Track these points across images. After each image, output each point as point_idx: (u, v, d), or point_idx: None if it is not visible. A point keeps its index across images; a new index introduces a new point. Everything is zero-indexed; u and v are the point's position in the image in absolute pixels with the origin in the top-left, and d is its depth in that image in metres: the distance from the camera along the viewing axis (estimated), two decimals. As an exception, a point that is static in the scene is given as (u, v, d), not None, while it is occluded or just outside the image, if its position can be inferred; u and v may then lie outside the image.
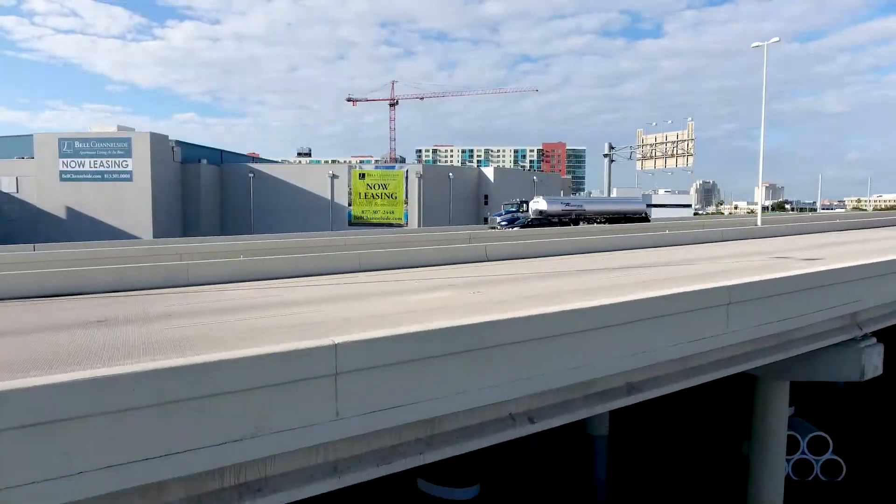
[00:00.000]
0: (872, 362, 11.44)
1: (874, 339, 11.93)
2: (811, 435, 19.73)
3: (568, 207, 50.43)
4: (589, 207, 51.73)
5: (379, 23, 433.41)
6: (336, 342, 5.02)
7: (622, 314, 6.90)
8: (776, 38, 35.52)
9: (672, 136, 51.38)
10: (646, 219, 51.47)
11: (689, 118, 50.62)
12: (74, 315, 10.17)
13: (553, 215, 48.69)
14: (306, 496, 5.73)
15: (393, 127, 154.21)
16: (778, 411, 13.06)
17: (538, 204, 49.73)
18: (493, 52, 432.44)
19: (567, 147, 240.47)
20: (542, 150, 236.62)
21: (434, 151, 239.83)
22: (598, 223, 45.40)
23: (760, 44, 35.97)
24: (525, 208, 51.40)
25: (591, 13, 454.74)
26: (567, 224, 45.66)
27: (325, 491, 5.80)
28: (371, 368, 5.20)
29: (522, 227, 45.27)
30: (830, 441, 19.55)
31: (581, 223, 46.18)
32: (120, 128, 60.05)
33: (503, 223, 48.83)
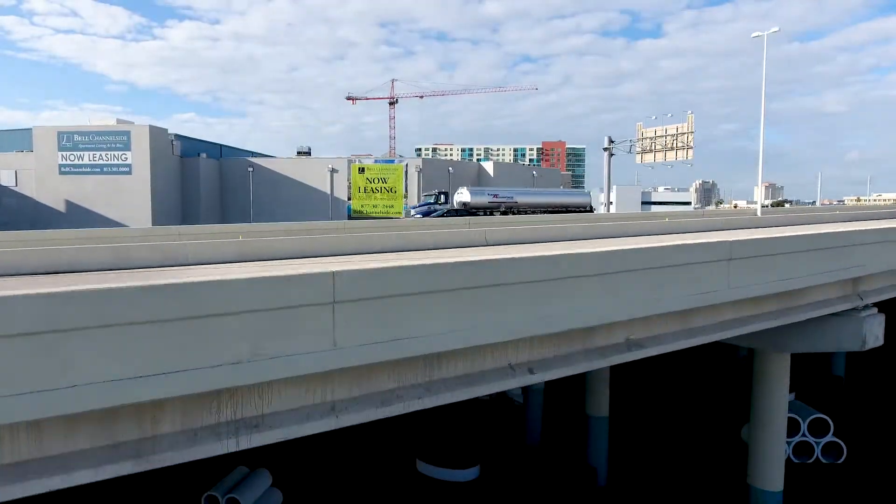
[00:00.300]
0: (874, 332, 11.39)
1: (875, 309, 11.89)
2: (812, 417, 19.66)
3: (496, 199, 49.40)
4: (522, 199, 50.61)
5: (378, 23, 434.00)
6: (334, 270, 4.97)
7: (623, 262, 6.86)
8: (776, 28, 35.52)
9: (672, 129, 51.26)
10: (589, 211, 51.05)
11: (689, 111, 50.56)
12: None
13: (478, 207, 47.71)
14: (304, 434, 5.69)
15: (393, 126, 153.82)
16: (779, 385, 13.01)
17: (462, 195, 49.00)
18: (493, 53, 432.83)
19: (567, 146, 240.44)
20: (542, 148, 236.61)
21: (434, 150, 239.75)
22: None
23: (760, 33, 35.96)
24: (444, 199, 50.54)
25: (590, 13, 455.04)
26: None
27: (322, 430, 5.75)
28: (369, 299, 5.15)
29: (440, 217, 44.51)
30: (831, 423, 19.48)
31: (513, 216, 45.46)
32: (119, 121, 60.03)
33: (417, 215, 47.90)
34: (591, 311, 6.62)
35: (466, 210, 47.18)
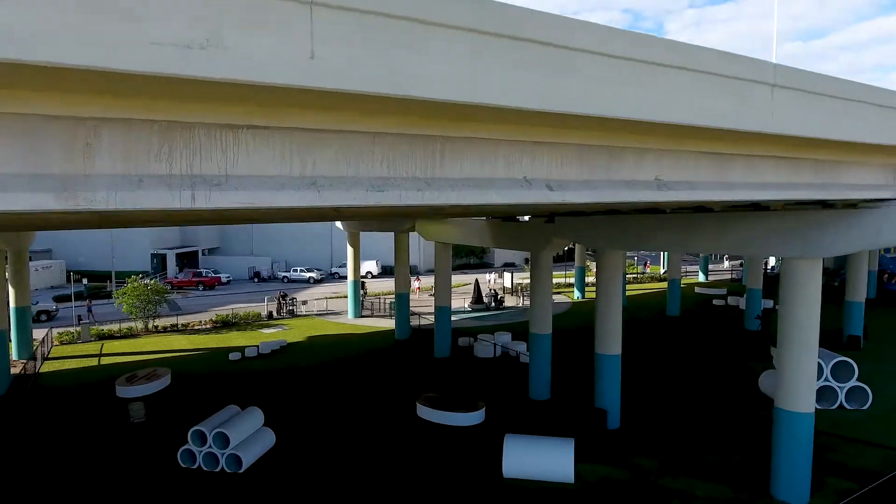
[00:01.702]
0: (918, 221, 10.39)
1: (919, 201, 10.89)
2: (835, 360, 18.58)
3: None
4: None
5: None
6: (312, -37, 3.99)
7: (659, 52, 5.86)
8: (788, -13, 34.39)
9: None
10: None
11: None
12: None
13: None
14: (278, 205, 4.70)
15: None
16: (810, 295, 11.94)
17: None
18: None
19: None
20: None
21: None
22: None
23: (772, -7, 34.89)
24: None
25: (592, 11, 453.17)
26: None
27: (301, 204, 4.77)
28: (358, 11, 4.15)
29: None
30: (856, 367, 18.39)
31: None
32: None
33: None
34: (614, 103, 5.59)
35: None
